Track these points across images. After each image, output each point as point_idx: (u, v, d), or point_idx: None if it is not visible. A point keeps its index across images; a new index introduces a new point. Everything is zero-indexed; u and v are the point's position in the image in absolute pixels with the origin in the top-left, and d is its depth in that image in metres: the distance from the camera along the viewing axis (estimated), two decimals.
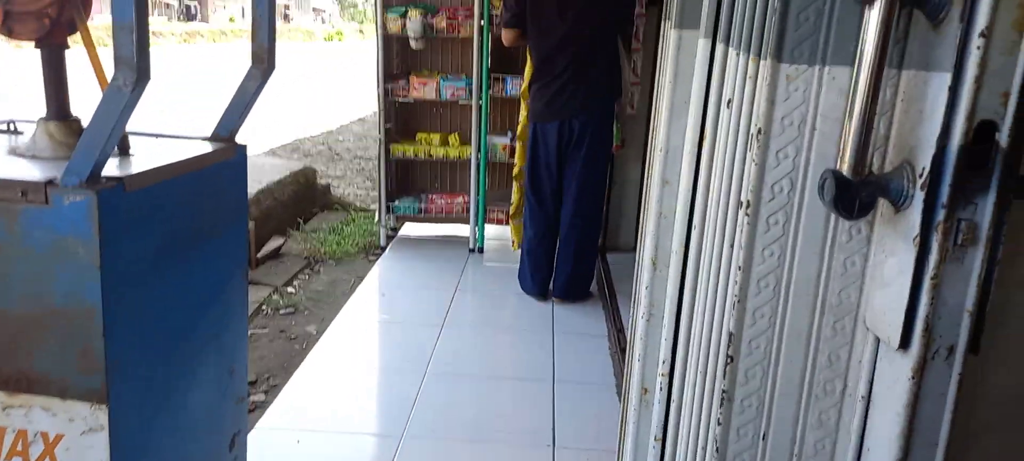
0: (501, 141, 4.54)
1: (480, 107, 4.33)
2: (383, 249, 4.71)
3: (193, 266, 1.64)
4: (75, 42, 1.54)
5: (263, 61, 1.67)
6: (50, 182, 1.30)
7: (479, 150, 4.40)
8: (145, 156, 1.54)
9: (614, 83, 3.64)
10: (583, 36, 3.47)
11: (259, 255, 4.37)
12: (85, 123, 1.56)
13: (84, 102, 1.65)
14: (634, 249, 4.49)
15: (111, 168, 1.40)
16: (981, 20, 0.72)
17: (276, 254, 4.53)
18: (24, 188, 1.30)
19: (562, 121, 3.57)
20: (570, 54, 3.49)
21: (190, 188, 1.58)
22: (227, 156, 1.70)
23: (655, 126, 1.59)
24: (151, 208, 1.46)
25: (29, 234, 1.32)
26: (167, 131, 1.81)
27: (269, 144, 7.84)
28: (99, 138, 1.28)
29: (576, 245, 3.72)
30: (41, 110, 1.60)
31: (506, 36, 3.80)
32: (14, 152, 1.51)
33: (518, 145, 3.96)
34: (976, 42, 0.72)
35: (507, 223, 4.39)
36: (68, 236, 1.31)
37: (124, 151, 1.53)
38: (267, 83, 1.72)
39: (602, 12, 3.47)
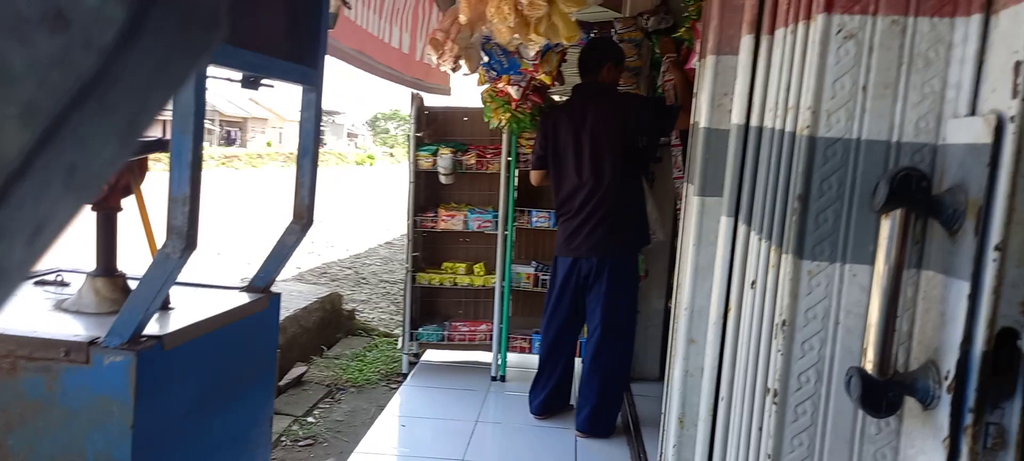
0: (525, 270, 4.59)
1: (506, 237, 4.41)
2: (405, 376, 4.69)
3: (222, 417, 1.66)
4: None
5: (303, 217, 1.75)
6: (93, 342, 1.35)
7: (504, 279, 4.45)
8: (183, 310, 1.59)
9: (634, 226, 3.62)
10: (599, 179, 3.53)
11: (281, 383, 4.37)
12: (129, 275, 1.63)
13: (128, 252, 1.73)
14: (659, 379, 4.43)
15: (151, 324, 1.45)
16: (995, 234, 0.75)
17: (298, 382, 4.53)
18: (67, 348, 1.35)
19: (575, 258, 3.63)
20: (585, 195, 3.56)
21: (225, 342, 1.62)
22: (261, 307, 1.75)
23: (679, 285, 1.61)
24: (186, 364, 1.49)
25: (67, 393, 1.36)
26: (201, 255, 1.87)
27: (298, 268, 7.98)
28: (144, 300, 1.33)
29: (600, 381, 3.68)
30: (87, 262, 1.67)
31: (533, 177, 3.94)
32: (59, 307, 1.56)
33: None
34: (992, 255, 0.75)
35: (530, 351, 4.36)
36: (105, 395, 1.34)
37: (164, 306, 1.59)
38: (305, 236, 1.79)
39: (615, 156, 3.49)
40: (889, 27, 0.90)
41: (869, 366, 0.82)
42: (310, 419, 4.07)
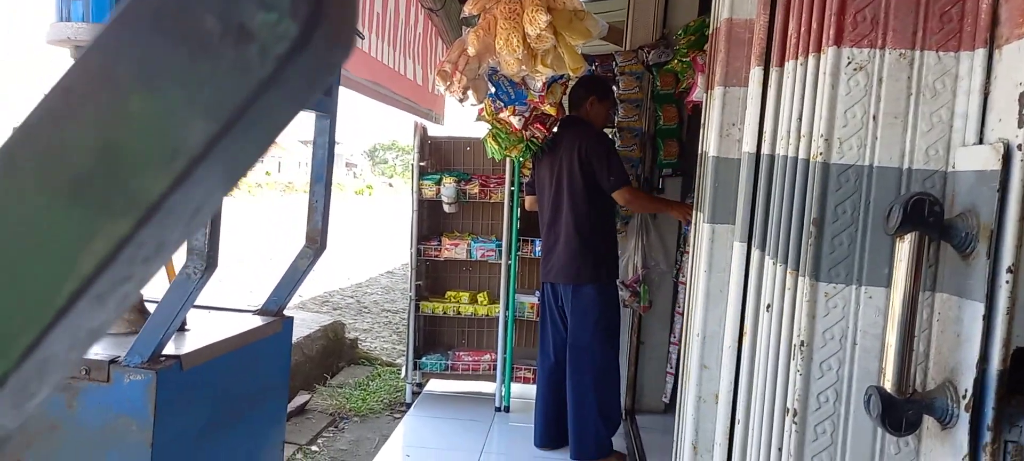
0: (529, 300, 4.60)
1: (509, 267, 4.43)
2: (409, 405, 4.67)
3: (236, 438, 1.67)
4: None
5: (316, 242, 1.77)
6: (114, 361, 1.36)
7: (507, 308, 4.46)
8: (200, 332, 1.61)
9: (597, 255, 3.64)
10: (559, 208, 3.66)
11: None
12: (147, 295, 1.65)
13: None
14: (663, 412, 4.42)
15: (169, 345, 1.47)
16: (1007, 257, 0.77)
17: (301, 411, 4.51)
18: (88, 366, 1.36)
19: (553, 284, 3.77)
20: (553, 221, 3.70)
21: (240, 363, 1.64)
22: (275, 330, 1.77)
23: (690, 312, 1.64)
24: (203, 384, 1.51)
25: (87, 411, 1.37)
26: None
27: (300, 296, 7.99)
28: (165, 320, 1.35)
29: (574, 406, 3.72)
30: None
31: (525, 202, 4.17)
32: None
33: None
34: (1004, 276, 0.78)
35: (534, 381, 4.37)
36: (124, 414, 1.35)
37: (181, 327, 1.61)
38: (318, 262, 1.81)
39: (573, 187, 3.60)
40: (897, 60, 0.94)
41: (888, 385, 0.84)
42: (314, 447, 4.05)
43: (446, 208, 4.63)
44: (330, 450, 4.05)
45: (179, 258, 1.44)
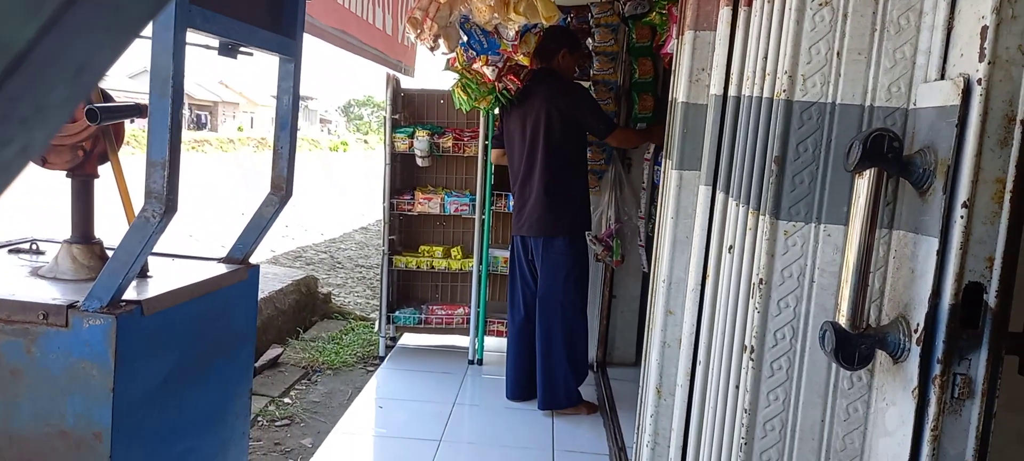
0: (502, 254, 4.60)
1: (483, 221, 4.42)
2: (382, 359, 4.69)
3: (201, 386, 1.66)
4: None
5: (281, 189, 1.75)
6: (72, 306, 1.34)
7: (481, 262, 4.46)
8: (163, 278, 1.59)
9: (570, 208, 3.67)
10: (532, 161, 3.64)
11: (257, 364, 4.34)
12: (106, 243, 1.62)
13: (103, 220, 1.71)
14: (634, 364, 4.48)
15: (130, 290, 1.44)
16: (963, 192, 0.78)
17: (274, 364, 4.50)
18: (46, 311, 1.34)
19: (523, 237, 3.78)
20: (526, 175, 3.68)
21: (204, 310, 1.62)
22: (240, 278, 1.75)
23: (657, 258, 1.64)
24: (166, 331, 1.49)
25: (46, 356, 1.35)
26: (173, 238, 1.85)
27: (272, 251, 7.92)
28: (124, 265, 1.32)
29: (543, 357, 3.77)
30: (62, 231, 1.65)
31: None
32: (36, 273, 1.55)
33: None
34: (959, 212, 0.78)
35: (506, 335, 4.40)
36: (84, 359, 1.33)
37: (143, 274, 1.58)
38: (283, 209, 1.79)
39: (548, 140, 3.59)
40: None
41: (842, 320, 0.85)
42: (286, 400, 4.06)
43: (419, 162, 4.59)
44: (303, 402, 4.06)
45: (139, 203, 1.41)
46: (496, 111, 3.91)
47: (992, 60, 0.76)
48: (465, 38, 3.44)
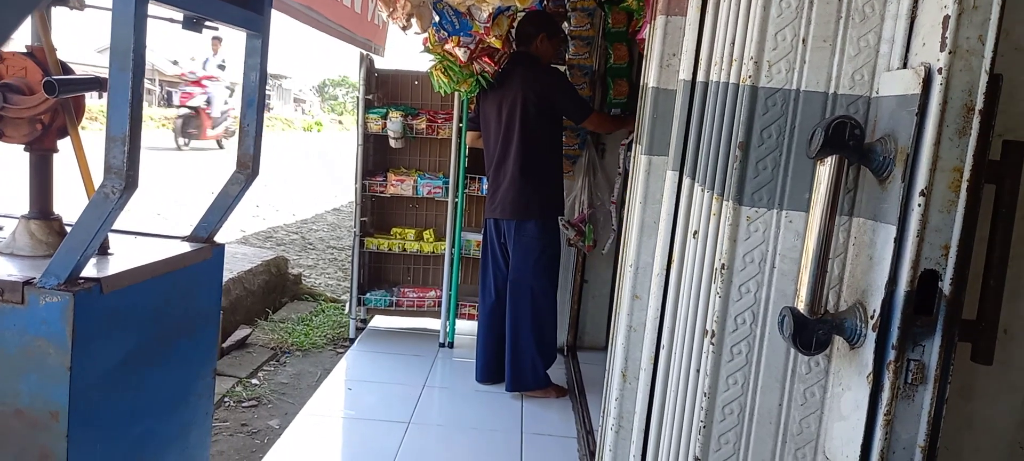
0: (475, 237, 4.60)
1: (456, 204, 4.41)
2: (352, 341, 4.66)
3: (163, 367, 1.63)
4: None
5: (247, 167, 1.72)
6: (28, 282, 1.31)
7: (453, 245, 4.45)
8: (124, 256, 1.56)
9: (542, 192, 3.68)
10: (508, 144, 3.64)
11: (225, 345, 4.29)
12: (66, 220, 1.58)
13: (65, 198, 1.67)
14: (604, 348, 4.51)
15: (89, 268, 1.41)
16: (921, 181, 0.79)
17: (242, 344, 4.46)
18: (1, 287, 1.31)
19: (495, 220, 3.78)
20: (502, 158, 3.68)
21: (166, 289, 1.59)
22: (204, 257, 1.72)
23: (625, 243, 1.65)
24: (126, 309, 1.46)
25: (1, 334, 1.32)
26: (140, 219, 1.82)
27: (242, 231, 7.82)
28: (82, 241, 1.30)
29: (512, 339, 3.79)
30: (20, 206, 1.61)
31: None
32: None
33: None
34: (917, 200, 0.79)
35: (477, 318, 4.40)
36: (40, 337, 1.31)
37: (103, 251, 1.55)
38: (250, 187, 1.76)
39: (523, 123, 3.59)
40: None
41: (801, 306, 0.86)
42: (254, 381, 4.02)
43: (392, 143, 4.56)
44: (271, 383, 4.02)
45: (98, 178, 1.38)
46: (472, 94, 3.89)
47: (953, 50, 0.77)
48: (437, 18, 3.41)
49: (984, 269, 0.87)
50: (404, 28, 2.89)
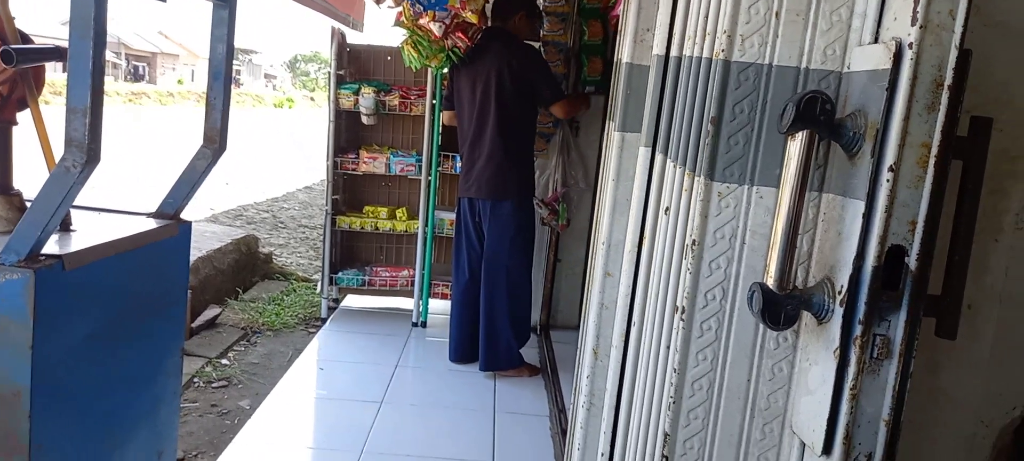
0: (448, 216, 4.58)
1: (429, 183, 4.38)
2: (324, 321, 4.63)
3: (129, 346, 1.60)
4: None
5: (214, 141, 1.68)
6: None
7: (427, 224, 4.43)
8: (87, 232, 1.52)
9: (517, 172, 3.66)
10: (483, 123, 3.61)
11: (194, 325, 4.24)
12: (27, 196, 1.54)
13: (25, 173, 1.63)
14: (577, 328, 4.54)
15: (51, 244, 1.38)
16: (889, 156, 0.79)
17: (212, 324, 4.40)
18: None
19: (470, 199, 3.75)
20: (477, 136, 3.64)
21: (131, 266, 1.56)
22: (170, 234, 1.69)
23: (598, 220, 1.65)
24: (90, 287, 1.43)
25: None
26: (106, 197, 1.78)
27: (212, 209, 7.70)
28: (43, 217, 1.26)
29: (486, 319, 3.78)
30: None
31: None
32: None
33: None
34: (886, 175, 0.80)
35: (450, 297, 4.40)
36: (1, 315, 1.27)
37: (66, 227, 1.51)
38: (217, 163, 1.72)
39: (499, 102, 3.56)
40: None
41: (770, 281, 0.86)
42: (224, 361, 3.98)
43: (364, 120, 4.50)
44: (242, 363, 3.99)
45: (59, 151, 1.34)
46: (446, 70, 3.84)
47: (924, 24, 0.77)
48: None
49: (949, 244, 0.88)
50: (379, 2, 2.84)
